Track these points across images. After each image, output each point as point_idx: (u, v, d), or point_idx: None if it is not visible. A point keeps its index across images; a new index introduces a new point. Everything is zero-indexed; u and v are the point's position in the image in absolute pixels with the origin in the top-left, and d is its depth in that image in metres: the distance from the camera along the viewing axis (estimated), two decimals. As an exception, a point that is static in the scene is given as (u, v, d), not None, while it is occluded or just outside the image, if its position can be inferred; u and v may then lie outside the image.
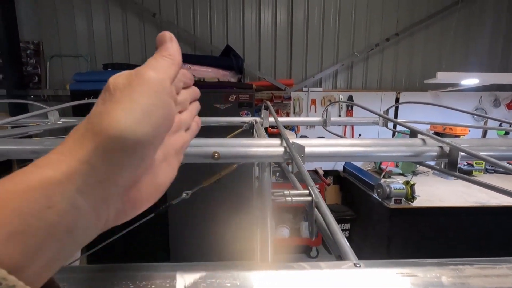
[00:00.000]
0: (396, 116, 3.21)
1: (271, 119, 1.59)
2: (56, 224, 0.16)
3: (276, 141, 0.70)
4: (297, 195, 0.38)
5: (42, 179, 0.16)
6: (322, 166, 3.48)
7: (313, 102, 3.41)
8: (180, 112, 0.28)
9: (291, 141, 0.64)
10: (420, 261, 0.28)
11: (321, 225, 0.37)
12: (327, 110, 1.64)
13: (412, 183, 2.32)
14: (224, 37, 3.38)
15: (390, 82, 3.55)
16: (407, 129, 0.80)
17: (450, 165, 0.66)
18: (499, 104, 3.46)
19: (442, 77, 2.25)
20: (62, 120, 1.51)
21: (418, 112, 2.60)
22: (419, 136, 0.76)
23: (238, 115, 2.76)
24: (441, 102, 3.14)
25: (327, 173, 3.44)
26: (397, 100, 3.41)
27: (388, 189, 2.31)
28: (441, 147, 0.66)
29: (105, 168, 0.17)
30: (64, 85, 3.25)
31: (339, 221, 2.74)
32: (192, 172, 2.29)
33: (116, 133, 0.17)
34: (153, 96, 0.20)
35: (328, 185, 3.20)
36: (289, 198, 0.38)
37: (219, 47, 3.31)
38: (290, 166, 0.64)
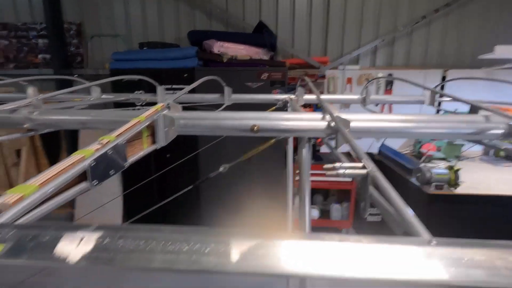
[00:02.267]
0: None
1: (306, 96, 1.53)
2: None
3: (318, 115, 0.66)
4: (350, 168, 0.35)
5: None
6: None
7: (349, 81, 3.23)
8: None
9: (335, 115, 0.60)
10: (497, 242, 0.24)
11: (377, 200, 0.34)
12: (367, 87, 1.54)
13: (456, 168, 2.15)
14: (257, 12, 3.27)
15: (437, 59, 3.24)
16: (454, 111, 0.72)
17: (520, 144, 0.58)
18: None
19: (501, 51, 1.99)
20: (103, 96, 1.57)
21: (467, 92, 2.35)
22: (481, 112, 0.67)
23: (270, 93, 2.71)
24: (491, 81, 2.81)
25: (360, 155, 3.31)
26: (443, 78, 3.12)
27: (428, 174, 2.17)
28: (510, 124, 0.58)
29: None
30: (104, 65, 3.40)
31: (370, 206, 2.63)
32: (228, 148, 2.31)
33: None
34: None
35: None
36: (341, 171, 0.35)
37: (251, 24, 3.21)
38: (333, 141, 0.60)
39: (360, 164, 0.35)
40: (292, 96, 1.54)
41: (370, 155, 3.37)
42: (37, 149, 3.53)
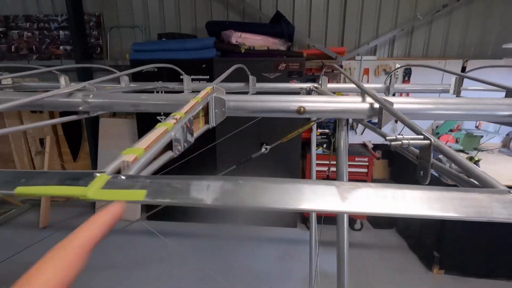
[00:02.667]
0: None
1: (330, 85, 1.55)
2: None
3: (357, 98, 0.69)
4: (413, 139, 0.39)
5: None
6: (372, 139, 3.35)
7: (366, 71, 3.21)
8: None
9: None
10: None
11: (440, 167, 0.37)
12: (391, 76, 1.55)
13: (476, 159, 2.15)
14: (274, 2, 3.27)
15: (457, 49, 3.18)
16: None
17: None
18: None
19: (528, 40, 1.96)
20: (132, 84, 1.63)
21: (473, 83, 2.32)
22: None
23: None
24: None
25: (376, 146, 3.31)
26: (463, 69, 3.07)
27: (448, 165, 2.17)
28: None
29: None
30: (123, 55, 3.47)
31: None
32: (245, 137, 2.34)
33: None
34: None
35: (378, 158, 3.10)
36: (406, 141, 0.38)
37: (268, 14, 3.21)
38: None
39: (421, 136, 0.39)
40: (315, 85, 1.57)
41: (386, 146, 3.38)
42: (60, 138, 3.66)
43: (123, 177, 0.29)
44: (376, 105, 0.64)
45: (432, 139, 0.37)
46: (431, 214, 0.25)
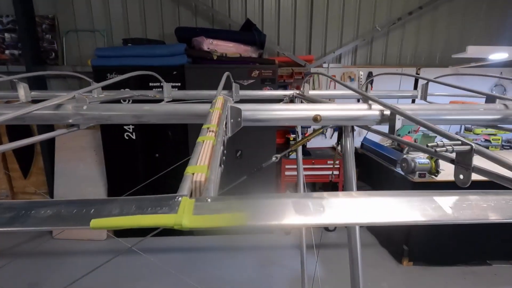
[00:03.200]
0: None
1: (312, 92, 1.61)
2: None
3: (363, 105, 0.72)
4: (455, 145, 0.41)
5: None
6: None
7: (333, 78, 3.38)
8: None
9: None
10: None
11: (479, 168, 0.40)
12: (367, 84, 1.65)
13: (436, 158, 2.37)
14: (243, 10, 3.30)
15: (410, 58, 3.50)
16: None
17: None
18: (519, 81, 3.44)
19: (472, 51, 2.23)
20: (105, 93, 1.52)
21: (437, 89, 2.59)
22: (498, 101, 0.78)
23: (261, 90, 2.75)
24: (462, 78, 3.10)
25: (345, 149, 3.48)
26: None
27: (413, 164, 2.36)
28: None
29: None
30: (82, 61, 3.22)
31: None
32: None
33: None
34: None
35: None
36: (449, 147, 0.41)
37: (237, 22, 3.24)
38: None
39: (459, 142, 0.42)
40: (298, 92, 1.61)
41: (356, 148, 3.56)
42: (6, 153, 3.25)
43: (209, 200, 0.26)
44: (386, 112, 0.67)
45: (473, 144, 0.40)
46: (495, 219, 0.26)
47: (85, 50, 3.26)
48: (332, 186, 3.20)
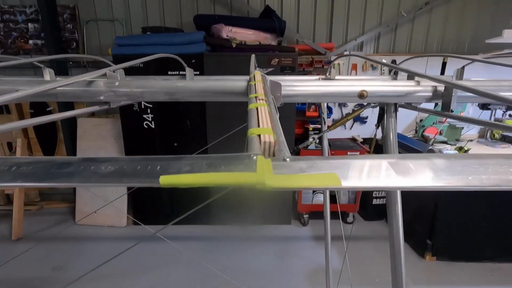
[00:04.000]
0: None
1: (338, 77, 1.54)
2: None
3: (411, 82, 0.66)
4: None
5: None
6: (360, 134, 3.43)
7: (354, 67, 3.27)
8: None
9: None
10: None
11: None
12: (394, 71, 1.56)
13: (466, 148, 2.26)
14: (262, -3, 3.22)
15: (437, 45, 3.33)
16: None
17: None
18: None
19: (510, 35, 2.08)
20: (127, 78, 1.51)
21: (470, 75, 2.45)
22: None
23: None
24: (493, 68, 2.92)
25: (365, 140, 3.38)
26: (444, 64, 3.22)
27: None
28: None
29: None
30: (102, 50, 3.25)
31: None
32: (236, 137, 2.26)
33: None
34: None
35: (369, 152, 3.16)
36: None
37: (256, 9, 3.16)
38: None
39: None
40: (323, 77, 1.55)
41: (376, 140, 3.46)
42: (32, 141, 3.35)
43: (288, 159, 0.23)
44: (440, 88, 0.61)
45: None
46: None
47: (104, 39, 3.29)
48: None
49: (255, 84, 0.53)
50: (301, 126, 3.28)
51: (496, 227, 2.41)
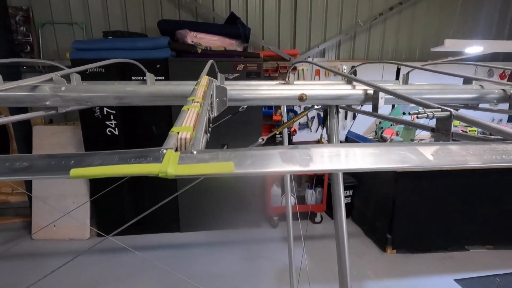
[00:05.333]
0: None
1: (297, 82, 1.62)
2: None
3: (347, 86, 0.73)
4: (434, 112, 0.42)
5: None
6: (325, 136, 3.57)
7: (317, 73, 3.42)
8: None
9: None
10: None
11: (459, 133, 0.42)
12: (354, 71, 1.67)
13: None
14: (227, 3, 3.27)
15: (391, 53, 3.59)
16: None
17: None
18: (492, 74, 3.61)
19: (450, 44, 2.31)
20: (84, 83, 1.47)
21: (417, 80, 2.68)
22: (475, 82, 0.81)
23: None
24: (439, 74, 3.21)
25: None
26: (398, 70, 3.48)
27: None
28: (503, 90, 0.72)
29: None
30: (60, 54, 3.10)
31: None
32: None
33: None
34: None
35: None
36: (430, 113, 0.42)
37: (221, 15, 3.21)
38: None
39: (439, 109, 0.43)
40: (283, 82, 1.62)
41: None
42: (-20, 151, 3.08)
43: (194, 152, 0.26)
44: (370, 91, 0.68)
45: (452, 110, 0.42)
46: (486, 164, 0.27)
47: (63, 44, 3.14)
48: (316, 178, 3.25)
49: (198, 88, 0.56)
50: (269, 130, 3.35)
51: (447, 219, 2.63)
